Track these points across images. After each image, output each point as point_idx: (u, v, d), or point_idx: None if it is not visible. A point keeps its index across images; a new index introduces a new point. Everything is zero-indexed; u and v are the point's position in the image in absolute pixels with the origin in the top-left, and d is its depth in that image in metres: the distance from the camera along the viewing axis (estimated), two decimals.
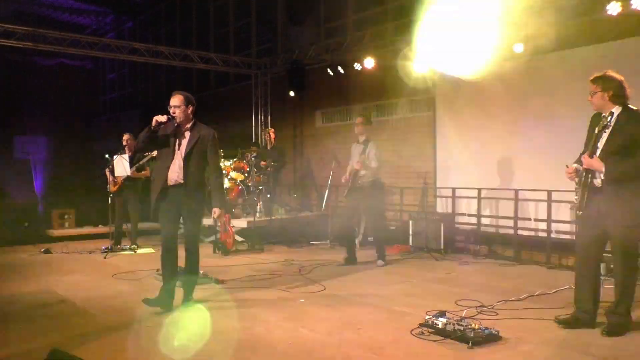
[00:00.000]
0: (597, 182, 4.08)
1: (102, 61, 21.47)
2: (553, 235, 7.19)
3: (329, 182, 8.88)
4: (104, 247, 8.19)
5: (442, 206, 8.73)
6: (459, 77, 8.47)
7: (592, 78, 4.19)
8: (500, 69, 7.94)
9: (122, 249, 8.32)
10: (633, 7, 6.26)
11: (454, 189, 8.46)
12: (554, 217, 7.15)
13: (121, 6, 19.15)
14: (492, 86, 7.98)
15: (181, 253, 4.97)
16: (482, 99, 8.15)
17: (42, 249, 8.30)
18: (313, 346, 3.86)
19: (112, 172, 8.27)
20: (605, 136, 4.04)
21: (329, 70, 10.10)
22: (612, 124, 4.02)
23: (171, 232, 4.95)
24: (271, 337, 4.06)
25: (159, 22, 18.15)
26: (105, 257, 7.70)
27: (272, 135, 10.32)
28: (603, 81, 4.11)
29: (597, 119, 4.15)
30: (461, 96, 8.44)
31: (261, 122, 12.49)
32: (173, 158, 4.85)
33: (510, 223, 7.67)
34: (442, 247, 7.99)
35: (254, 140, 12.27)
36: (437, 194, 8.78)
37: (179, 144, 4.88)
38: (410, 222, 8.39)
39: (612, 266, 4.25)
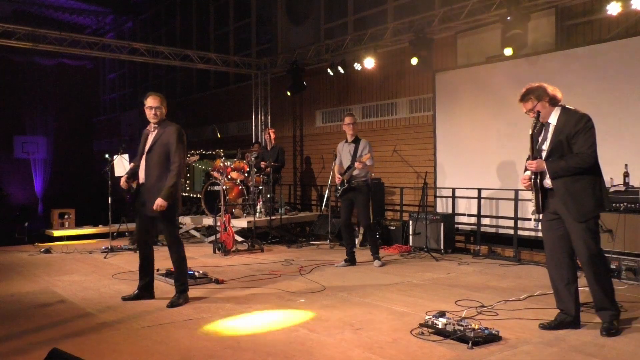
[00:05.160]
0: (547, 182, 4.12)
1: (102, 61, 21.50)
2: None
3: (329, 182, 8.87)
4: (104, 247, 8.19)
5: (442, 206, 8.73)
6: (459, 78, 8.49)
7: (520, 98, 4.22)
8: (500, 68, 7.97)
9: (121, 248, 8.34)
10: (633, 7, 6.26)
11: (454, 189, 8.46)
12: None
13: (121, 6, 19.18)
14: (492, 86, 8.00)
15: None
16: (482, 99, 8.16)
17: (42, 249, 8.29)
18: (313, 346, 3.86)
19: (111, 172, 8.28)
20: (549, 138, 4.11)
21: (329, 70, 10.10)
22: (555, 124, 4.10)
23: (139, 230, 5.20)
24: (271, 337, 4.06)
25: (159, 22, 18.15)
26: (105, 257, 7.70)
27: (272, 135, 10.32)
28: (533, 93, 4.15)
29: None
30: (461, 96, 8.44)
31: (261, 122, 12.49)
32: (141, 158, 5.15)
33: (510, 223, 7.67)
34: (442, 247, 7.99)
35: (254, 140, 12.29)
36: (437, 194, 8.79)
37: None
38: (410, 222, 8.40)
39: None
